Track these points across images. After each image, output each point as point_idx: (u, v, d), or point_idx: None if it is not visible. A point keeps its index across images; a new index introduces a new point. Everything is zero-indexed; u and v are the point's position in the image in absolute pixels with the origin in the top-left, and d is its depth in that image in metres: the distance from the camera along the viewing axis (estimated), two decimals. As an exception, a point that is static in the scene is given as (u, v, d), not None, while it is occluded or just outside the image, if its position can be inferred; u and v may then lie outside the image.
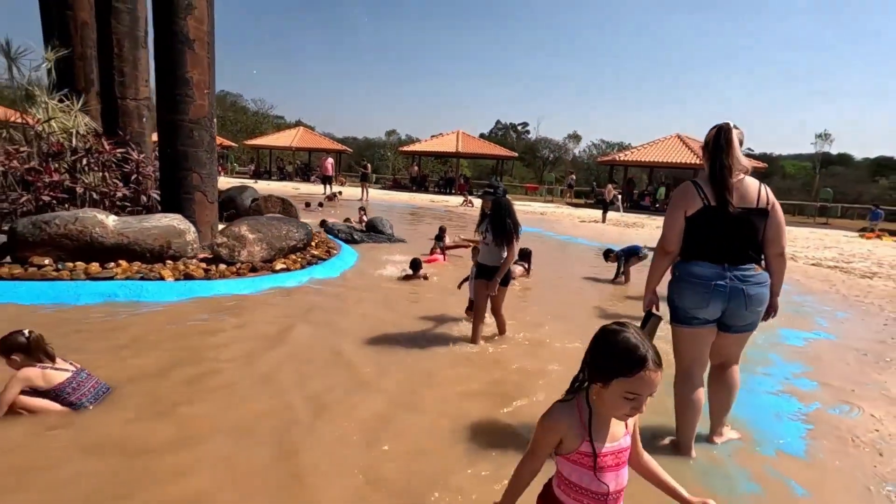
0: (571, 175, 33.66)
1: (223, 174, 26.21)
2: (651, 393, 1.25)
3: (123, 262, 5.10)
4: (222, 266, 5.49)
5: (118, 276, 4.82)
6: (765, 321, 2.55)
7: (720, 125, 2.42)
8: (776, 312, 2.54)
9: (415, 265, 6.31)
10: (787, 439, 2.83)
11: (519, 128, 61.49)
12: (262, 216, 6.86)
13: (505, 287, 4.04)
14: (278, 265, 5.86)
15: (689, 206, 2.40)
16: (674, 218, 2.44)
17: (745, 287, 2.35)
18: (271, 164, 34.93)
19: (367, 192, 20.53)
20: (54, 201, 6.05)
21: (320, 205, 15.73)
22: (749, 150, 34.24)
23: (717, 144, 2.38)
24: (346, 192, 21.48)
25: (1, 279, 4.50)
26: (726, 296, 2.36)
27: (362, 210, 11.66)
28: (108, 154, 6.50)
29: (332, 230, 9.03)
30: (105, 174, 6.42)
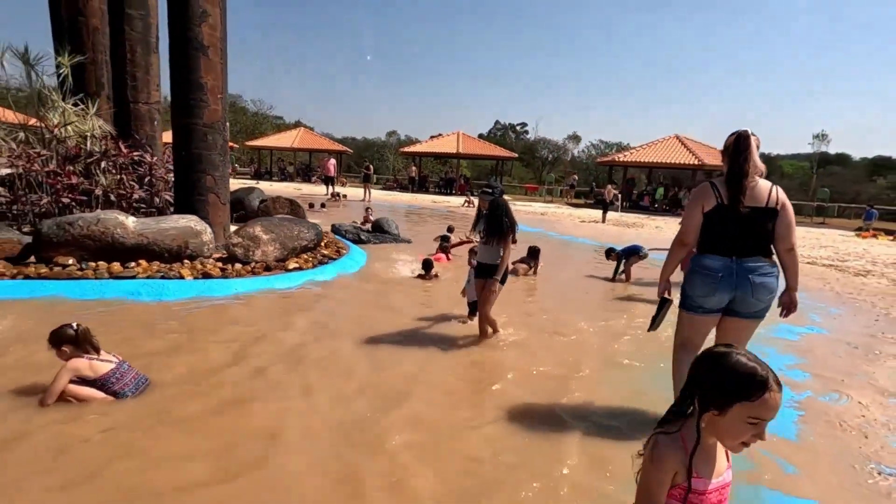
0: (574, 176, 33.98)
1: (233, 175, 26.32)
2: (773, 416, 1.17)
3: (143, 262, 5.30)
4: (238, 265, 5.69)
5: (140, 275, 5.02)
6: (785, 317, 2.72)
7: (739, 132, 2.65)
8: (796, 307, 2.70)
9: (426, 265, 6.51)
10: (780, 424, 3.03)
11: (518, 128, 61.72)
12: (274, 217, 7.05)
13: (502, 285, 4.12)
14: (291, 264, 6.05)
15: (706, 203, 2.66)
16: (692, 212, 2.71)
17: (751, 276, 2.60)
18: (272, 165, 35.08)
19: (369, 193, 20.73)
20: (73, 203, 6.24)
21: (322, 206, 15.88)
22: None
23: (736, 149, 2.61)
24: (348, 192, 21.64)
25: (29, 278, 4.69)
26: (733, 285, 2.61)
27: (369, 209, 11.79)
28: (125, 157, 6.69)
29: (339, 230, 9.22)
30: (122, 176, 6.61)
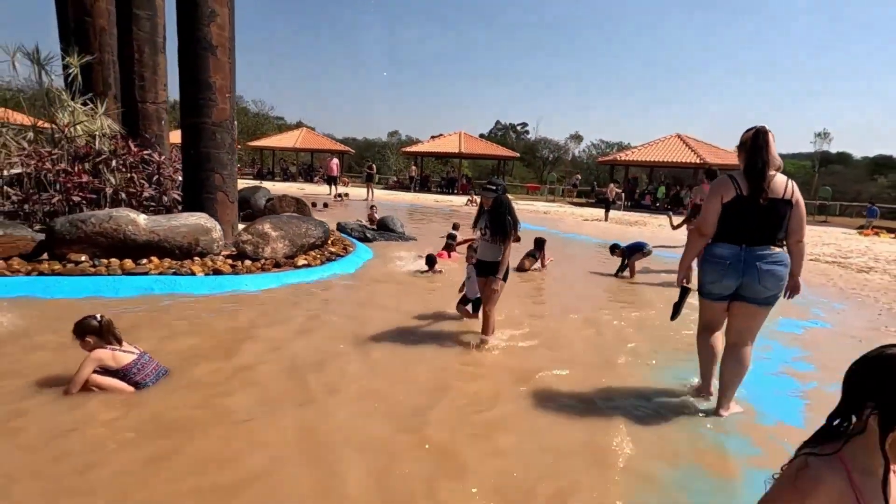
0: (577, 175, 34.15)
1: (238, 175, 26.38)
2: None
3: (155, 259, 5.37)
4: (248, 262, 5.75)
5: (152, 272, 5.09)
6: (789, 298, 2.88)
7: (757, 128, 2.75)
8: (799, 289, 2.86)
9: (430, 261, 6.57)
10: (787, 412, 3.11)
11: (518, 128, 61.76)
12: (282, 215, 7.12)
13: (504, 283, 4.07)
14: (300, 261, 6.12)
15: (725, 194, 2.76)
16: (711, 204, 2.82)
17: (759, 264, 2.71)
18: (274, 165, 35.17)
19: (372, 193, 20.80)
20: (83, 201, 6.31)
21: (325, 205, 15.93)
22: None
23: (755, 144, 2.72)
24: (350, 192, 21.71)
25: (44, 275, 4.76)
26: (740, 271, 2.74)
27: (373, 208, 11.83)
28: (134, 156, 6.76)
29: (345, 229, 9.30)
30: (132, 175, 6.68)
